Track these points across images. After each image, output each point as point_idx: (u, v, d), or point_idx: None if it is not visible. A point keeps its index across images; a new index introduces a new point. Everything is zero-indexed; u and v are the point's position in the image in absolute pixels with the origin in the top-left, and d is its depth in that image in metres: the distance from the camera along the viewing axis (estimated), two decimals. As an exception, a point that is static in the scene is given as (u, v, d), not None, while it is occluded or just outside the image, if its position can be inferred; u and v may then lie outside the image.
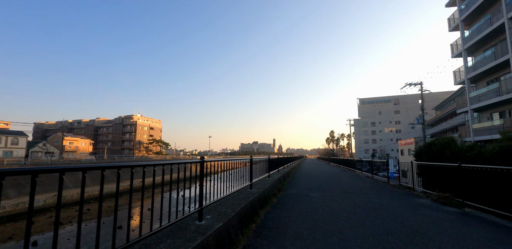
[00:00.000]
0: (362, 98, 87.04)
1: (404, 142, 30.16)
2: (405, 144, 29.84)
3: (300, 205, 6.31)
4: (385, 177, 13.95)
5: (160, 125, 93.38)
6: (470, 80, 20.23)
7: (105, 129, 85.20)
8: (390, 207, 6.15)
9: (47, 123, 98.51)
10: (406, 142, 29.22)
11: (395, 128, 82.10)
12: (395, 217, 5.18)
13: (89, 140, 58.30)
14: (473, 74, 19.31)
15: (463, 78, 20.78)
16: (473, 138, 18.82)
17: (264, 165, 8.71)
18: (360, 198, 7.55)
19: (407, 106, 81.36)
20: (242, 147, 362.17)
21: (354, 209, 5.95)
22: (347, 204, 6.49)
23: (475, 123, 19.36)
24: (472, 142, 16.19)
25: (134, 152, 77.69)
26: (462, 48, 20.80)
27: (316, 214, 5.43)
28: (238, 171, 5.21)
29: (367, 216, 5.27)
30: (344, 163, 26.35)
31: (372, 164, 15.61)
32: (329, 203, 6.66)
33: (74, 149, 53.23)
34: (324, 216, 5.20)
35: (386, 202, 6.83)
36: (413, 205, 6.52)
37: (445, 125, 34.21)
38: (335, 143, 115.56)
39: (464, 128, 20.53)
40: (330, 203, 6.61)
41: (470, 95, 19.61)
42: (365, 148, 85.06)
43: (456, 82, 21.38)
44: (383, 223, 4.69)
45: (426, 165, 8.30)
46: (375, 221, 4.83)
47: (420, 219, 5.02)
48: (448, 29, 22.96)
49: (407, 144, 28.55)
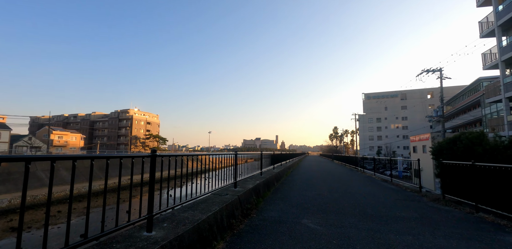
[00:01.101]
0: (368, 93, 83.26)
1: (417, 138, 26.82)
2: (418, 140, 26.50)
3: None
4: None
5: (158, 119, 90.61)
6: (505, 63, 16.81)
7: (101, 124, 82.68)
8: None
9: (43, 117, 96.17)
10: (420, 137, 25.90)
11: (402, 124, 78.48)
12: None
13: (80, 134, 55.67)
14: (509, 55, 15.92)
15: (495, 61, 17.36)
16: (508, 131, 15.53)
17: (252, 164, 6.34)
18: (398, 233, 4.06)
19: (415, 101, 77.57)
20: (244, 143, 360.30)
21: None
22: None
23: (510, 115, 16.03)
24: (507, 136, 13.00)
25: (130, 147, 75.15)
26: (495, 25, 17.33)
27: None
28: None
29: None
30: (350, 161, 23.22)
31: (390, 162, 12.48)
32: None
33: (63, 143, 50.46)
34: None
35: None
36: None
37: (466, 117, 30.62)
38: (338, 140, 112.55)
39: (496, 120, 17.19)
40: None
41: (504, 81, 16.23)
42: (370, 144, 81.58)
43: (485, 66, 18.00)
44: None
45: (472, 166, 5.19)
46: None
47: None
48: (476, 5, 19.43)
49: (422, 140, 25.24)
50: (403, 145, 74.36)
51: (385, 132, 79.51)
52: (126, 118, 77.84)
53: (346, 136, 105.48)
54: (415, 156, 28.47)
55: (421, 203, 6.77)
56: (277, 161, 13.33)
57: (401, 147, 74.55)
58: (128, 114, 77.64)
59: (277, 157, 13.22)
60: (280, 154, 15.13)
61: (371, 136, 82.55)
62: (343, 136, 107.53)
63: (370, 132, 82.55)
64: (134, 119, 77.65)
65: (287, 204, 6.15)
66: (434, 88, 76.41)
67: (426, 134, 24.24)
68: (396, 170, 15.23)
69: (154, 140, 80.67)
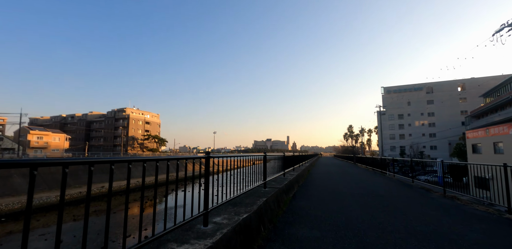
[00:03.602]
0: (387, 87, 74.23)
1: (481, 132, 18.73)
2: (484, 135, 18.40)
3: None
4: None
5: (158, 119, 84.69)
6: None
7: (98, 124, 77.48)
8: None
9: (42, 118, 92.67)
10: (489, 131, 17.73)
11: (428, 121, 69.22)
12: None
13: (64, 134, 49.91)
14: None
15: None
16: None
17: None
18: None
19: (443, 95, 68.09)
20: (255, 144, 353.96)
21: None
22: None
23: None
24: None
25: (127, 149, 69.37)
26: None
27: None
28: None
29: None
30: (375, 163, 15.85)
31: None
32: None
33: (43, 145, 44.73)
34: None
35: None
36: None
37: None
38: (354, 139, 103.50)
39: None
40: None
41: None
42: (391, 144, 72.43)
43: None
44: None
45: None
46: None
47: None
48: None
49: (494, 134, 17.11)
50: (430, 145, 65.26)
51: (409, 129, 70.49)
52: (122, 117, 72.22)
53: (362, 135, 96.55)
54: (478, 157, 20.32)
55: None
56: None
57: (427, 147, 65.41)
58: (124, 114, 71.97)
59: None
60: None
61: (392, 135, 73.59)
62: (359, 135, 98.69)
63: (391, 130, 73.51)
64: (131, 119, 71.90)
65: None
66: (466, 80, 66.73)
67: (503, 125, 16.04)
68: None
69: (152, 141, 74.70)
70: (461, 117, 63.39)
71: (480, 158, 19.20)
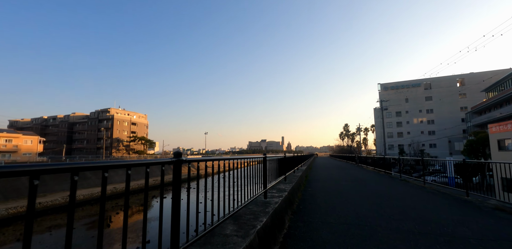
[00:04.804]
0: (384, 83, 71.52)
1: (509, 125, 15.59)
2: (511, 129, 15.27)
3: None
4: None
5: (146, 120, 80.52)
6: None
7: (81, 126, 72.95)
8: None
9: (22, 120, 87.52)
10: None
11: (427, 118, 66.76)
12: None
13: (37, 136, 45.60)
14: None
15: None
16: None
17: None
18: None
19: (442, 91, 65.67)
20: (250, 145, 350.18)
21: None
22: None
23: None
24: None
25: (111, 151, 65.15)
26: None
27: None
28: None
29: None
30: (378, 164, 12.96)
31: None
32: None
33: (12, 148, 40.49)
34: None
35: None
36: None
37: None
38: (350, 138, 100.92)
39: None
40: None
41: None
42: (388, 143, 69.51)
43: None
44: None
45: None
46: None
47: None
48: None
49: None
50: (429, 143, 62.74)
51: (407, 127, 68.00)
52: (106, 118, 67.93)
53: (358, 134, 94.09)
54: (505, 155, 17.21)
55: None
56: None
57: (426, 145, 62.89)
58: (108, 114, 67.68)
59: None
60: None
61: (390, 133, 70.78)
62: (356, 134, 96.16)
63: (389, 128, 70.68)
64: (116, 120, 67.65)
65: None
66: (465, 75, 64.39)
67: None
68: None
69: (139, 143, 70.57)
70: (461, 114, 61.12)
71: (507, 155, 16.10)
